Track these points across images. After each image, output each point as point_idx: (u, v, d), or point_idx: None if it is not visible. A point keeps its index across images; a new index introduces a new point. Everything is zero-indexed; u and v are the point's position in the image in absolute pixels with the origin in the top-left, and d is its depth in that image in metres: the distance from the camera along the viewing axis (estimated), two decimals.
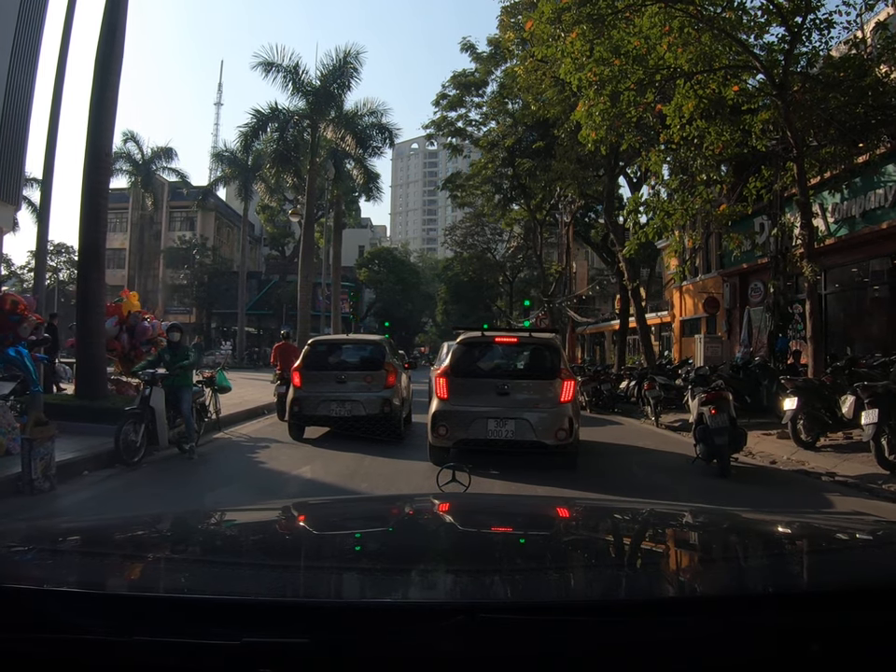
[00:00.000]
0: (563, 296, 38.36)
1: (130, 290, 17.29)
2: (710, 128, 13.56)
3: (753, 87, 13.64)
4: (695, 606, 1.36)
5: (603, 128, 13.08)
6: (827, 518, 3.27)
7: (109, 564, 1.69)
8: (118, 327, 14.09)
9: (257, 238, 69.91)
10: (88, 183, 12.28)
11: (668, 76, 13.12)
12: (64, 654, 1.20)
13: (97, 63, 12.55)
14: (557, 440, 8.94)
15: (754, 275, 22.01)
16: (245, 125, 31.59)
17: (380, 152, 33.81)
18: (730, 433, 8.93)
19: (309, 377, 12.22)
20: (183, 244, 55.52)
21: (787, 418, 10.92)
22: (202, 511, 3.09)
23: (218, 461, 9.64)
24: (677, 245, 13.67)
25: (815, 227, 17.31)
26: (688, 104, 13.25)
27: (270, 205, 51.26)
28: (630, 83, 12.77)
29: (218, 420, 12.94)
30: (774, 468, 10.20)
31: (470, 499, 2.84)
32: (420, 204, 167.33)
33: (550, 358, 9.71)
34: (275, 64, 29.37)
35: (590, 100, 12.61)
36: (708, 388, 9.47)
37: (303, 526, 2.32)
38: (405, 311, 69.03)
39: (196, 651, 1.17)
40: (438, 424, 9.16)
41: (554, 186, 25.20)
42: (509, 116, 29.07)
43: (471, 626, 1.17)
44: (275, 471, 9.14)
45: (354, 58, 29.89)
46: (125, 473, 8.75)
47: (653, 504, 3.53)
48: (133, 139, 45.85)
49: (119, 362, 14.43)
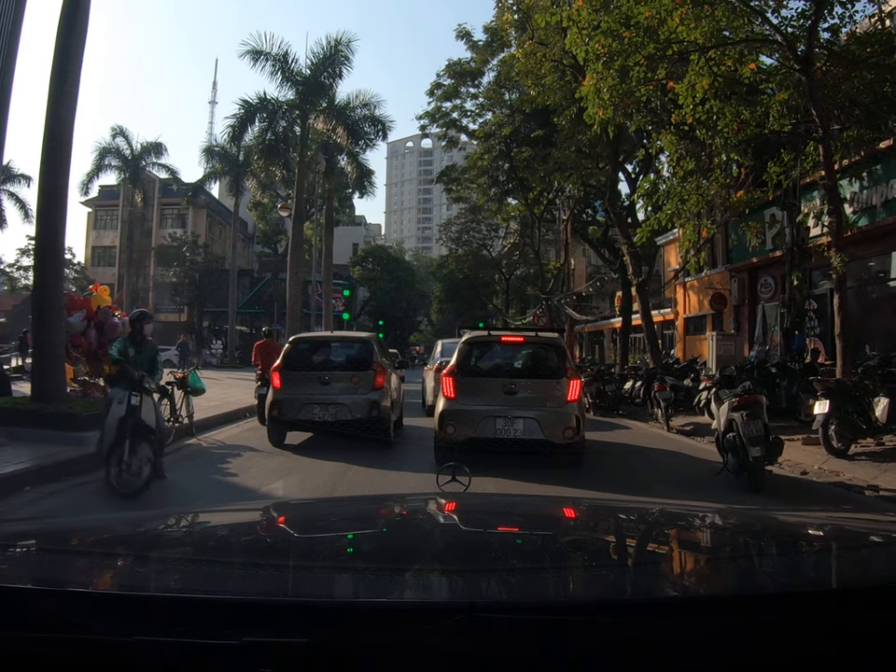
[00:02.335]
0: (561, 293, 37.44)
1: (120, 289, 16.20)
2: (725, 109, 12.51)
3: (772, 64, 12.57)
4: (695, 606, 1.34)
5: (611, 107, 12.03)
6: (829, 517, 3.23)
7: (109, 563, 1.70)
8: (85, 322, 12.97)
9: (250, 236, 69.13)
10: (46, 162, 11.17)
11: (682, 50, 12.07)
12: (64, 654, 1.18)
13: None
14: (565, 438, 9.04)
15: (764, 270, 20.99)
16: (233, 115, 30.55)
17: (373, 144, 32.94)
18: (765, 443, 7.86)
19: (290, 378, 11.30)
20: (174, 241, 54.43)
21: (818, 423, 9.88)
22: (202, 510, 3.05)
23: (179, 474, 8.52)
24: (691, 234, 12.60)
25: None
26: (702, 81, 12.20)
27: (262, 202, 50.44)
28: (640, 58, 11.72)
29: (191, 424, 11.89)
30: (806, 479, 9.13)
31: (470, 499, 2.79)
32: (415, 203, 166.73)
33: (555, 358, 9.68)
34: (264, 53, 28.38)
35: (598, 74, 11.54)
36: (739, 391, 8.35)
37: (303, 526, 2.31)
38: (399, 310, 68.37)
39: (196, 651, 1.16)
40: (446, 423, 9.20)
41: (553, 177, 24.09)
42: (506, 107, 28.03)
43: (471, 626, 1.16)
44: (242, 488, 8.04)
45: (345, 46, 28.90)
46: (71, 490, 7.65)
47: (653, 504, 3.49)
48: (122, 134, 45.06)
49: (85, 361, 13.30)
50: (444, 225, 58.72)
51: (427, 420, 13.01)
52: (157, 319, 49.32)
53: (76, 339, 12.62)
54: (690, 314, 27.61)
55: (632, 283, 21.65)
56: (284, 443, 11.10)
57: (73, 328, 12.57)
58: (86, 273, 56.52)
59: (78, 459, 8.41)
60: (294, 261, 29.39)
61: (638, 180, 26.05)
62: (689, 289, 27.46)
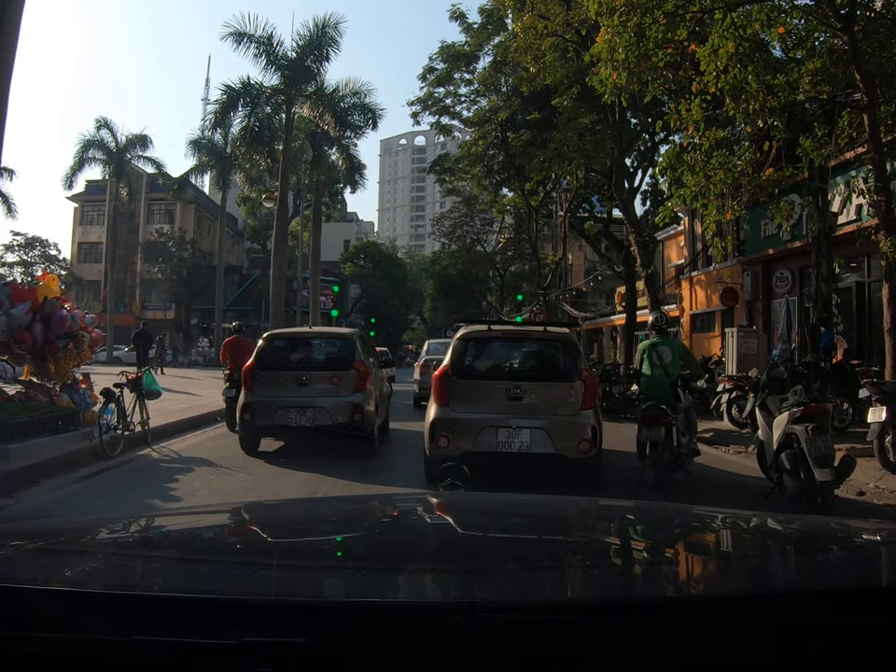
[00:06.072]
0: (559, 289, 36.22)
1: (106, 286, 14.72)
2: (750, 77, 11.08)
3: (808, 23, 11.14)
4: (695, 606, 1.34)
5: (625, 71, 10.60)
6: (829, 519, 3.22)
7: (107, 563, 1.67)
8: (30, 315, 11.47)
9: (240, 232, 67.97)
10: None
11: (705, 7, 10.66)
12: (63, 654, 1.18)
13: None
14: (580, 452, 7.72)
15: (779, 263, 19.66)
16: (216, 101, 29.11)
17: (363, 134, 31.61)
18: (834, 462, 6.38)
19: (263, 378, 10.29)
20: (161, 237, 53.05)
21: (872, 434, 8.47)
22: (201, 511, 3.02)
23: (104, 496, 7.08)
24: (716, 215, 11.17)
25: (860, 205, 15.08)
26: (727, 45, 10.76)
27: (250, 197, 49.04)
28: (659, 14, 10.29)
29: (146, 432, 10.44)
30: (865, 501, 7.65)
31: (470, 498, 2.71)
32: (408, 201, 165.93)
33: (568, 357, 8.39)
34: (247, 35, 26.90)
35: (613, 28, 10.08)
36: (804, 399, 6.80)
37: (304, 525, 2.28)
38: (392, 307, 67.33)
39: (195, 651, 1.15)
40: (438, 434, 7.87)
41: (553, 164, 22.58)
42: (502, 92, 26.58)
43: (471, 626, 1.15)
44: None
45: (333, 28, 27.46)
46: None
47: (653, 504, 3.37)
48: (107, 126, 43.79)
49: (30, 359, 11.78)
50: (437, 219, 57.40)
51: (415, 423, 11.84)
52: (144, 317, 49.25)
53: (19, 334, 11.14)
54: (697, 310, 26.26)
55: (639, 276, 20.26)
56: (257, 450, 10.20)
57: (16, 321, 11.14)
58: (72, 270, 55.37)
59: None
60: (278, 255, 28.13)
61: (638, 174, 24.91)
62: (696, 284, 26.11)
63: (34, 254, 54.57)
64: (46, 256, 54.98)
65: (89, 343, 11.96)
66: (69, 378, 11.34)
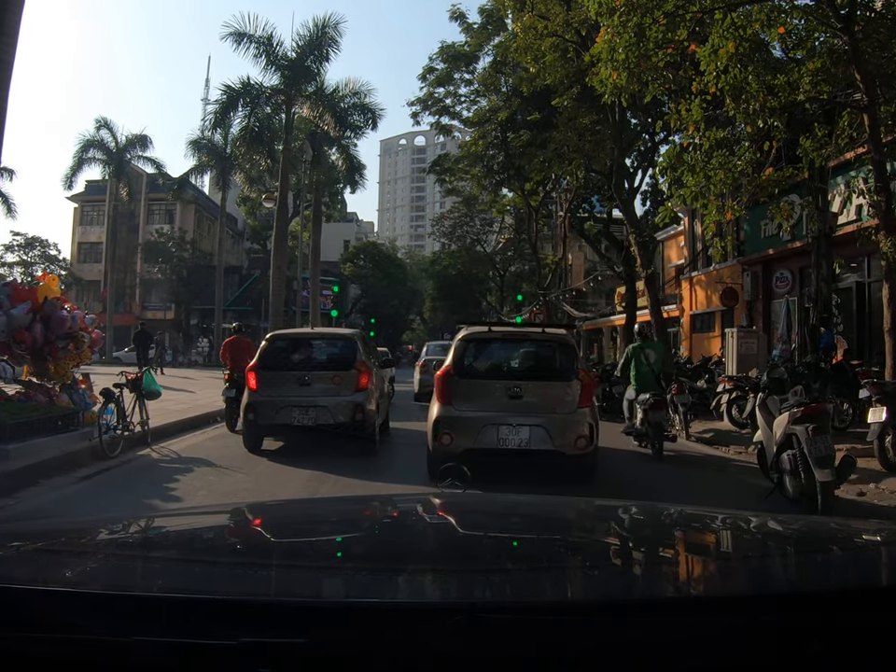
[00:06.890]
0: (559, 289, 36.18)
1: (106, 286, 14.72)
2: (750, 77, 11.08)
3: (808, 23, 11.14)
4: (695, 606, 1.34)
5: (625, 71, 10.61)
6: (829, 519, 3.23)
7: (107, 563, 1.66)
8: (30, 315, 11.48)
9: (240, 232, 67.96)
10: None
11: (705, 7, 10.65)
12: (62, 654, 1.18)
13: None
14: (577, 448, 8.04)
15: (779, 263, 19.65)
16: (216, 101, 29.10)
17: (362, 134, 31.58)
18: (834, 462, 6.38)
19: (266, 378, 10.45)
20: (161, 237, 53.03)
21: (872, 434, 8.48)
22: (201, 510, 3.14)
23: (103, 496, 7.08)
24: (716, 215, 11.20)
25: (860, 205, 15.07)
26: (726, 45, 10.76)
27: (250, 197, 49.04)
28: (659, 14, 10.29)
29: (145, 432, 10.45)
30: (865, 502, 7.65)
31: (469, 499, 2.71)
32: (408, 201, 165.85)
33: (566, 357, 8.73)
34: (247, 35, 26.84)
35: (613, 28, 10.10)
36: (804, 399, 6.82)
37: (303, 525, 2.28)
38: (392, 308, 67.29)
39: (194, 652, 1.15)
40: (441, 431, 8.13)
41: (553, 164, 22.59)
42: (502, 92, 26.57)
43: (471, 626, 1.15)
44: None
45: (332, 28, 27.41)
46: None
47: (653, 504, 3.27)
48: (107, 126, 43.75)
49: (30, 360, 11.78)
50: (437, 219, 57.38)
51: (415, 423, 12.03)
52: (144, 317, 49.26)
53: (19, 334, 11.16)
54: (697, 310, 26.25)
55: (639, 276, 20.24)
56: (260, 449, 10.33)
57: (16, 321, 11.16)
58: (72, 271, 55.39)
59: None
60: (278, 255, 28.10)
61: (638, 174, 24.89)
62: (696, 284, 26.11)
63: (33, 254, 54.53)
64: (46, 256, 54.98)
65: (88, 344, 11.99)
66: (69, 378, 11.34)
